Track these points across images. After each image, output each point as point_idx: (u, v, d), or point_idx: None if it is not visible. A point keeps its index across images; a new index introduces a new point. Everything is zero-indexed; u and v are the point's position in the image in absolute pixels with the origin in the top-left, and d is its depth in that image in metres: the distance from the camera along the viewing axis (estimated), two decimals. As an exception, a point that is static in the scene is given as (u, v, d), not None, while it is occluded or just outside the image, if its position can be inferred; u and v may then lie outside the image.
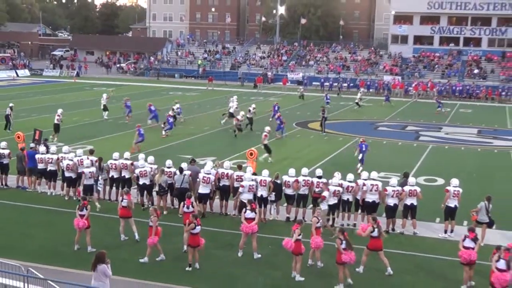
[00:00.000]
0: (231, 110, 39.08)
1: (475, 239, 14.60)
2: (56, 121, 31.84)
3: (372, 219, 15.26)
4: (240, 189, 18.89)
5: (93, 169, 20.47)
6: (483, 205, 17.55)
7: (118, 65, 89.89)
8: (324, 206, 18.18)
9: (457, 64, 74.51)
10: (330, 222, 18.47)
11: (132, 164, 20.76)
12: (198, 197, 19.34)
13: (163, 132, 34.14)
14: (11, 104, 35.53)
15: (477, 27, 77.39)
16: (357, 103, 50.47)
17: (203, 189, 19.32)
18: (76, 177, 21.02)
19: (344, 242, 14.30)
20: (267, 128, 29.88)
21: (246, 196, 18.38)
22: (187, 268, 15.15)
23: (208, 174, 19.30)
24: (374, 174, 19.25)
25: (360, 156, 26.47)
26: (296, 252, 14.63)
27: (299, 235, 14.54)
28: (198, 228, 15.02)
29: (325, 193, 18.36)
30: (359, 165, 25.92)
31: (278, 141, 33.94)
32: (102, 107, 40.71)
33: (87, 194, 19.76)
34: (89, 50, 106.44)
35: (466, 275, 14.49)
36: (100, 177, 20.81)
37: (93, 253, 15.32)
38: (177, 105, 38.65)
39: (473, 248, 14.37)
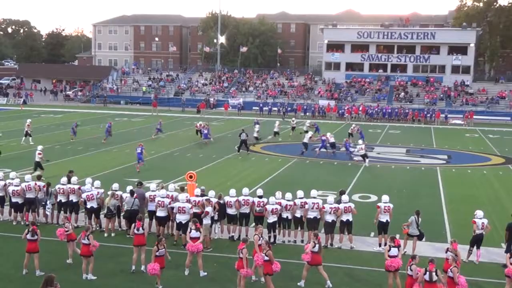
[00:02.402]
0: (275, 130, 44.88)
1: (398, 246, 15.01)
2: (37, 159, 29.01)
3: (313, 235, 15.38)
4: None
5: None
6: (413, 219, 17.89)
7: (64, 93, 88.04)
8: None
9: (385, 88, 76.41)
10: (272, 240, 18.48)
11: (79, 188, 20.33)
12: (157, 220, 19.14)
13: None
14: None
15: (402, 54, 79.65)
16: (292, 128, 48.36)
17: (160, 212, 19.00)
18: (24, 202, 20.45)
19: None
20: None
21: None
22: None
23: (163, 198, 19.06)
24: (313, 192, 19.34)
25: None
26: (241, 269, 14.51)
27: (247, 254, 14.45)
28: (163, 251, 14.88)
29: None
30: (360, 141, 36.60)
31: (221, 163, 33.96)
32: (24, 132, 39.76)
33: None
34: (35, 78, 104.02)
35: (391, 282, 14.77)
36: (48, 202, 20.34)
37: (41, 277, 14.85)
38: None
39: (397, 256, 14.79)
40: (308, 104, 69.95)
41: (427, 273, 13.30)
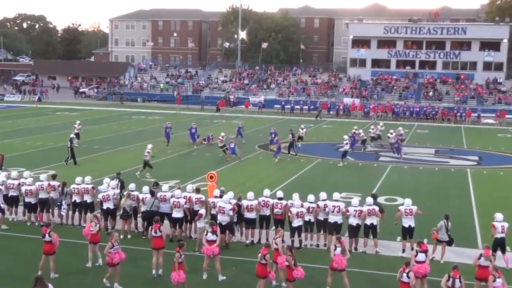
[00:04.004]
0: (372, 135, 42.25)
1: (426, 252, 14.86)
2: (145, 157, 29.38)
3: (335, 239, 15.35)
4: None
5: None
6: (442, 224, 17.72)
7: (75, 89, 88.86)
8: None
9: (413, 86, 75.94)
10: (298, 244, 18.42)
11: (93, 188, 20.50)
12: (172, 221, 19.22)
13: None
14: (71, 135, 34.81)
15: (431, 50, 79.07)
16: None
17: (176, 213, 19.11)
18: (37, 202, 20.68)
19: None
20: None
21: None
22: None
23: (179, 198, 19.15)
24: (336, 195, 19.14)
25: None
26: (261, 275, 14.49)
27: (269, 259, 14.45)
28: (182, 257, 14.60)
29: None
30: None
31: (241, 164, 34.02)
32: (75, 134, 39.81)
33: None
34: (51, 75, 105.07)
35: None
36: (63, 202, 20.52)
37: (55, 279, 15.05)
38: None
39: (424, 261, 14.67)
40: (332, 102, 69.72)
41: (450, 279, 13.20)
